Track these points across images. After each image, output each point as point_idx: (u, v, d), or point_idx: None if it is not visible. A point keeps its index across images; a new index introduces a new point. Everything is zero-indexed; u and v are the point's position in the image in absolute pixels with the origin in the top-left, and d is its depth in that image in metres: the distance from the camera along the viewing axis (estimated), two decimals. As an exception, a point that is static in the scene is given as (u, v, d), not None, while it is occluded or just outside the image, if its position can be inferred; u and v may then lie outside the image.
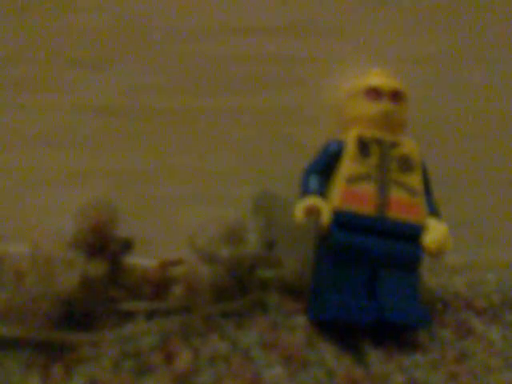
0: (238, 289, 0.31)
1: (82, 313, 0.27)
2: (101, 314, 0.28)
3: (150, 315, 0.29)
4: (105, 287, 0.28)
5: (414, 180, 0.31)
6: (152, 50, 0.37)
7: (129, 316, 0.29)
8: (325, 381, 0.25)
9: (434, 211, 0.32)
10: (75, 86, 0.36)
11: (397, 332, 0.30)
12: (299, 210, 0.30)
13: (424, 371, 0.27)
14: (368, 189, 0.31)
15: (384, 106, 0.32)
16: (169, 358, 0.26)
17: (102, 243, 0.28)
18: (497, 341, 0.30)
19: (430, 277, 0.37)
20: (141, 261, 0.31)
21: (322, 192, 0.31)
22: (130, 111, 0.37)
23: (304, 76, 0.37)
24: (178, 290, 0.29)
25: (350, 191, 0.30)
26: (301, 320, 0.30)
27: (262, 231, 0.32)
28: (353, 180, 0.31)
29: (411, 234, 0.31)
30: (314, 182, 0.31)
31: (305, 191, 0.31)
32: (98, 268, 0.27)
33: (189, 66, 0.37)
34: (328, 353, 0.27)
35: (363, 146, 0.31)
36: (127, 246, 0.30)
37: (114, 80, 0.36)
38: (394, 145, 0.32)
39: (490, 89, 0.39)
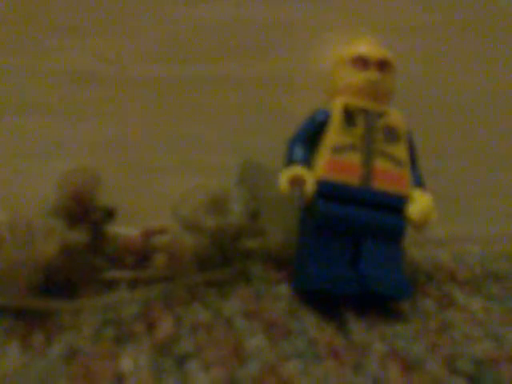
0: (222, 258, 0.31)
1: (63, 281, 0.27)
2: (82, 283, 0.28)
3: (133, 284, 0.29)
4: (86, 255, 0.28)
5: (400, 151, 0.31)
6: (136, 17, 0.36)
7: (111, 284, 0.29)
8: (306, 350, 0.25)
9: (419, 183, 0.32)
10: (57, 53, 0.36)
11: (379, 302, 0.30)
12: (284, 179, 0.30)
13: (405, 341, 0.27)
14: (353, 159, 0.30)
15: (370, 74, 0.32)
16: (150, 327, 0.26)
17: (84, 211, 0.28)
18: (478, 311, 0.30)
19: (414, 249, 0.38)
20: (123, 229, 0.31)
21: (307, 161, 0.31)
22: (113, 79, 0.36)
23: (292, 44, 0.37)
24: (160, 259, 0.29)
25: (335, 161, 0.30)
26: (284, 290, 0.30)
27: (247, 201, 0.32)
28: (338, 150, 0.30)
29: (395, 205, 0.31)
30: (299, 151, 0.31)
31: (290, 161, 0.31)
32: (78, 236, 0.27)
33: (173, 33, 0.36)
34: (310, 322, 0.27)
35: (349, 116, 0.31)
36: (109, 214, 0.30)
37: (97, 47, 0.36)
38: (380, 115, 0.32)
39: (478, 62, 0.38)
